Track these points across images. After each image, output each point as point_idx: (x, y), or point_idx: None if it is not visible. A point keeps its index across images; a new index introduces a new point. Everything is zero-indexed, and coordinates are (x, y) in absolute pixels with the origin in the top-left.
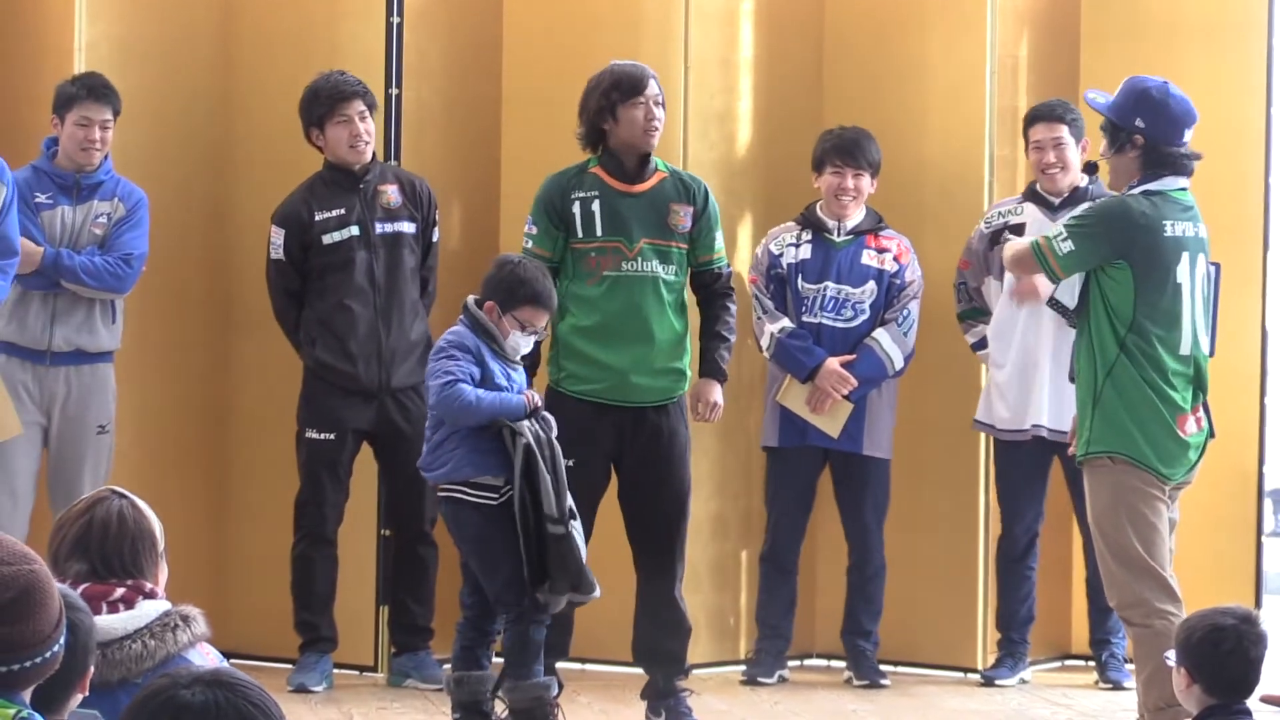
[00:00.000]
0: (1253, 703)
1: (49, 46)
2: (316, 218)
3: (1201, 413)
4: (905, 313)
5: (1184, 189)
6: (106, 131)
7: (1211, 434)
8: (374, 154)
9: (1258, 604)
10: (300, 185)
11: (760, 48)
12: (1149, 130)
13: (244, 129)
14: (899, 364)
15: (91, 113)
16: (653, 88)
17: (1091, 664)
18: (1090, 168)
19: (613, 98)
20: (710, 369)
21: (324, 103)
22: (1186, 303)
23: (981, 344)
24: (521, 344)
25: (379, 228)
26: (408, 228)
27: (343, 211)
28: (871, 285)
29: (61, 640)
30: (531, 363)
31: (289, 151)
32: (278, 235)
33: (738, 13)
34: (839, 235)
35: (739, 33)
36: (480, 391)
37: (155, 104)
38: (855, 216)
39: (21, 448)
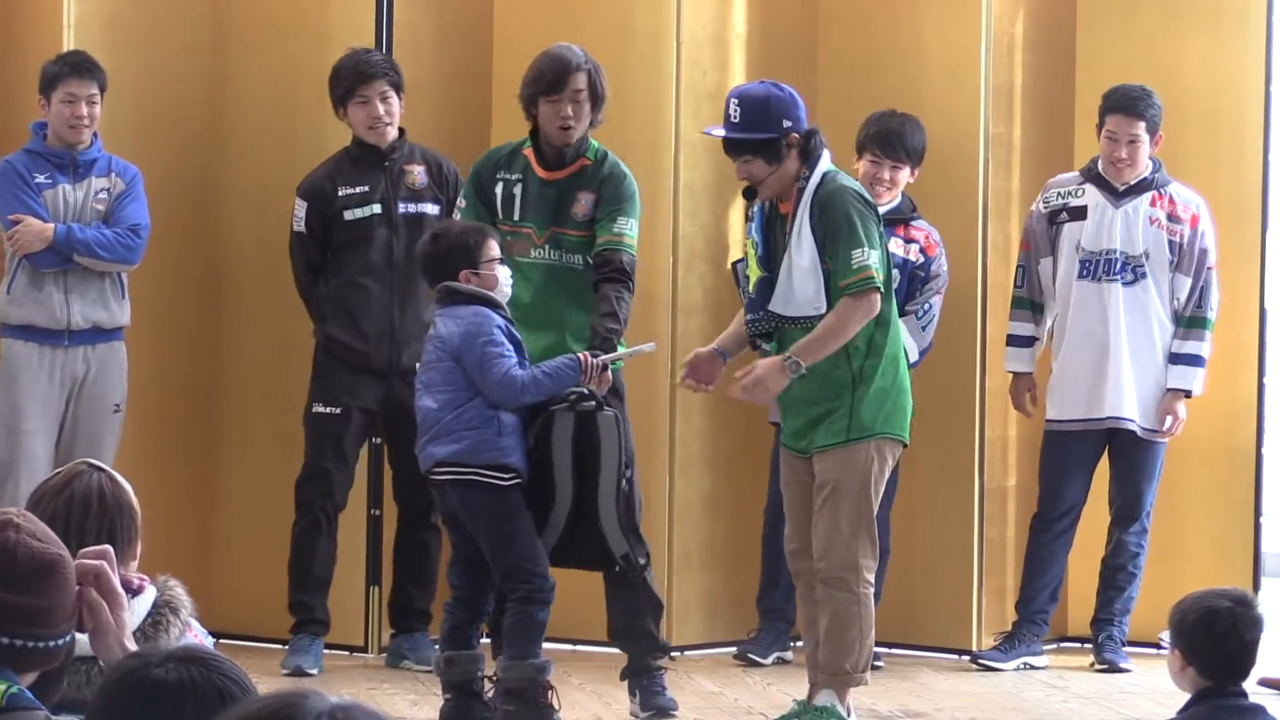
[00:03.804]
0: (1250, 685)
1: (38, 24)
2: (340, 193)
3: None
4: (927, 306)
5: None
6: (94, 107)
7: None
8: (402, 131)
9: (1256, 586)
10: (328, 159)
11: (754, 24)
12: (795, 125)
13: (233, 105)
14: (914, 357)
15: (76, 89)
16: (575, 83)
17: (1087, 646)
18: (749, 193)
19: (534, 90)
20: (592, 340)
21: (343, 83)
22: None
23: (1019, 341)
24: (505, 279)
25: (402, 207)
26: (431, 209)
27: (366, 189)
28: (895, 274)
29: (70, 637)
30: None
31: (278, 128)
32: (300, 208)
33: None
34: None
35: (732, 8)
36: (540, 371)
37: (144, 81)
38: (889, 203)
39: (41, 437)
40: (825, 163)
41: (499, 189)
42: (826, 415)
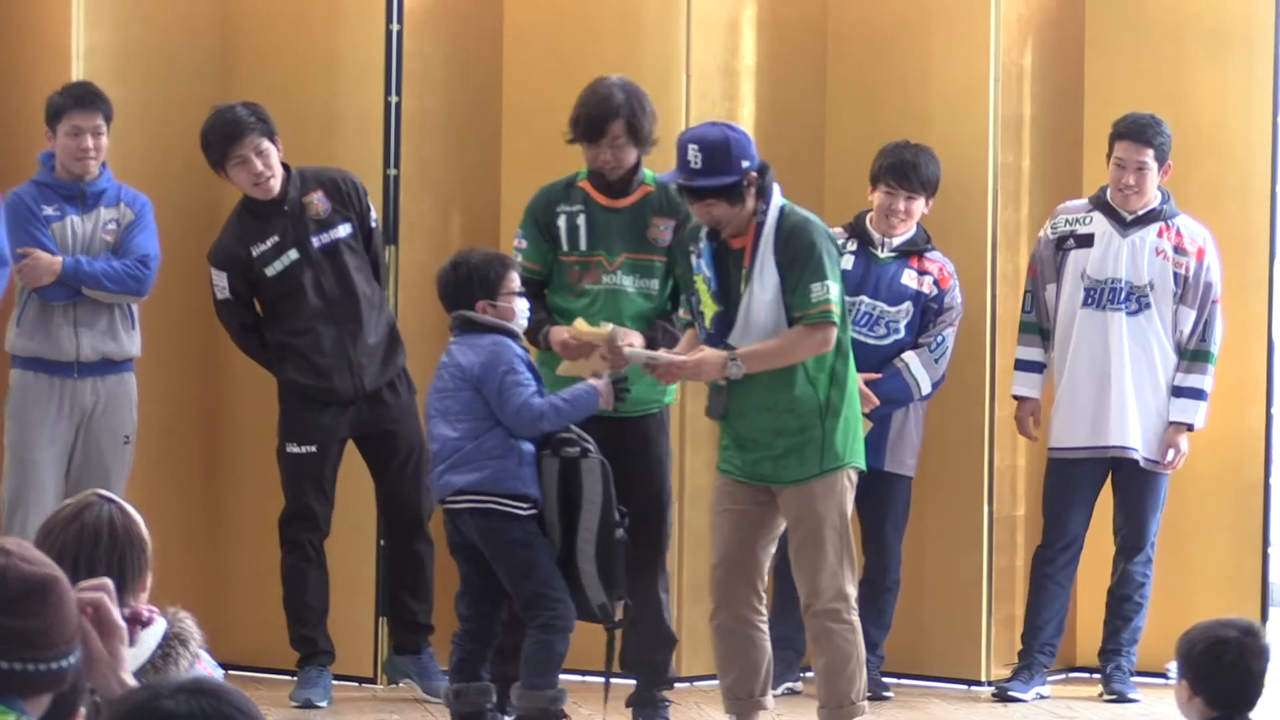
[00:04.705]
0: (1257, 715)
1: (47, 54)
2: (254, 253)
3: None
4: (939, 339)
5: None
6: (100, 138)
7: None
8: (286, 167)
9: (1264, 616)
10: (228, 221)
11: (763, 56)
12: (752, 164)
13: None
14: (926, 389)
15: (81, 121)
16: (612, 131)
17: (1095, 676)
18: (713, 234)
19: (574, 135)
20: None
21: (215, 149)
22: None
23: (1028, 366)
24: (523, 312)
25: (316, 242)
26: (343, 231)
27: (277, 239)
28: (908, 306)
29: (74, 658)
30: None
31: (288, 158)
32: (220, 277)
33: (740, 20)
34: (884, 251)
35: (741, 40)
36: (558, 399)
37: (153, 112)
38: (903, 234)
39: (50, 468)
40: (778, 196)
41: (561, 222)
42: (797, 448)
